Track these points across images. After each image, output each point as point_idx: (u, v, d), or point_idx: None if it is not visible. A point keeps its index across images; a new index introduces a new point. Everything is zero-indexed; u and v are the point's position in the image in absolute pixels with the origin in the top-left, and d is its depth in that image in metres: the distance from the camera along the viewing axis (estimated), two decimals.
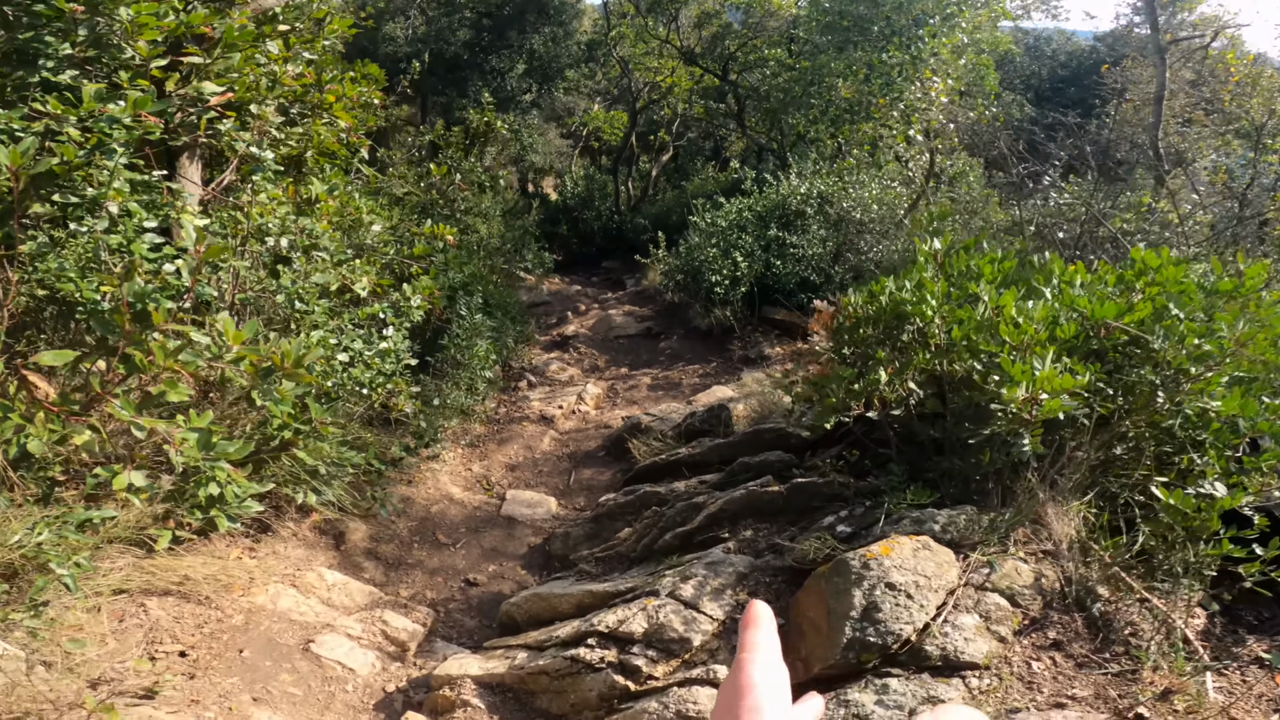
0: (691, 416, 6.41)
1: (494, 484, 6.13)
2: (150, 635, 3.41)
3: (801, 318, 8.76)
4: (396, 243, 5.86)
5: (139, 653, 3.25)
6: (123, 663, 3.16)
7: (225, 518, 3.49)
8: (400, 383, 4.68)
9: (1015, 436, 3.31)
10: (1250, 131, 10.10)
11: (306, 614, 3.94)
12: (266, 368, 3.17)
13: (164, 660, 3.33)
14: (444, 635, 4.27)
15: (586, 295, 12.56)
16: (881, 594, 2.99)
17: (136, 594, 3.54)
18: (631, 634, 3.36)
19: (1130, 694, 2.65)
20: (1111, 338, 3.50)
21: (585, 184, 16.06)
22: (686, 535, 4.25)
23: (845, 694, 2.80)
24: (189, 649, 3.45)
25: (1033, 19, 16.73)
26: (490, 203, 11.42)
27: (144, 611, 3.47)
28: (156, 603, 3.56)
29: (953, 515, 3.43)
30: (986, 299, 3.63)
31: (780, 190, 10.02)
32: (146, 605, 3.50)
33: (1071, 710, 2.59)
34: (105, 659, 3.09)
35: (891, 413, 3.87)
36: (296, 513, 4.50)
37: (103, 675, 3.04)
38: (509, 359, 8.44)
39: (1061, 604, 3.09)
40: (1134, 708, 2.58)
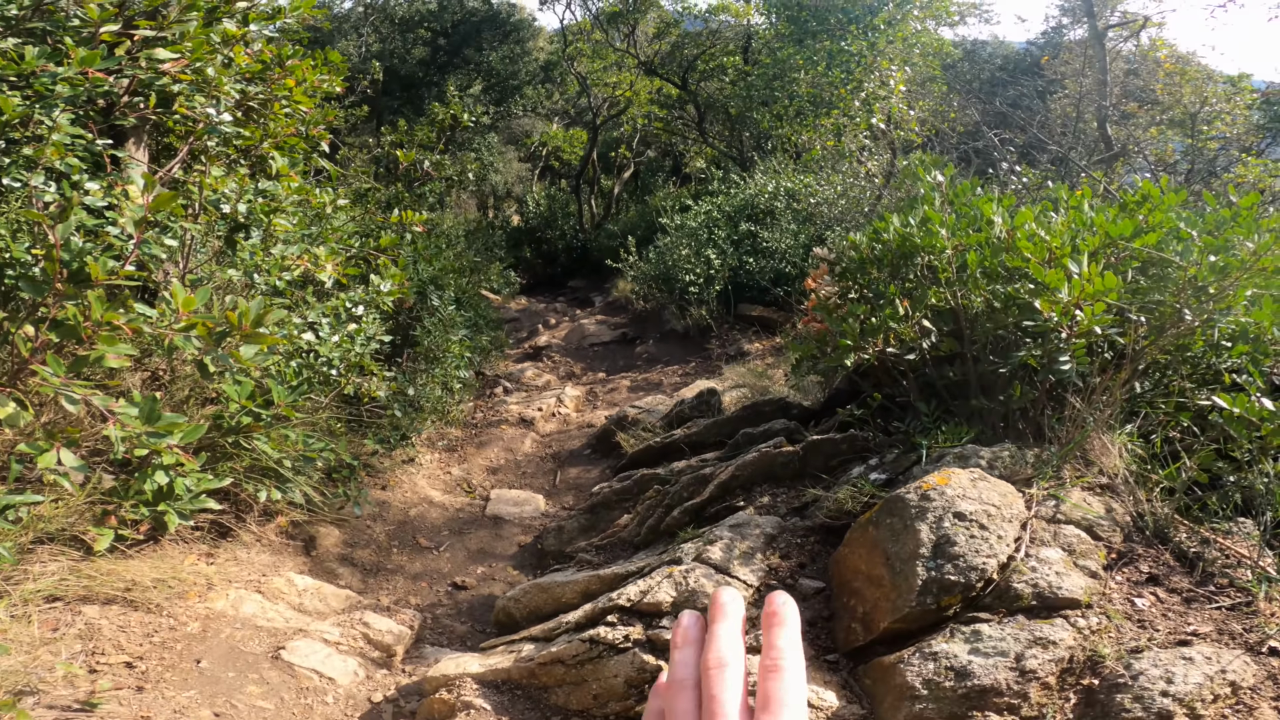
0: (681, 404, 6.07)
1: (475, 486, 5.68)
2: (91, 645, 2.92)
3: (779, 313, 8.65)
4: (361, 236, 5.50)
5: (77, 664, 2.80)
6: (54, 672, 2.71)
7: (176, 515, 3.05)
8: (372, 365, 4.28)
9: (1054, 358, 3.04)
10: (1185, 120, 10.40)
11: (275, 620, 3.47)
12: (221, 331, 2.78)
13: (107, 673, 2.86)
14: (432, 641, 3.81)
15: (556, 311, 12.25)
16: (952, 525, 2.61)
17: (73, 601, 3.05)
18: (659, 605, 2.93)
19: (1255, 627, 2.35)
20: (1126, 263, 3.30)
21: (548, 204, 15.88)
22: (696, 510, 3.85)
23: (929, 646, 2.41)
24: (136, 660, 2.96)
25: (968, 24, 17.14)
26: (453, 224, 11.15)
27: (83, 620, 3.00)
28: (98, 610, 3.08)
29: (996, 452, 3.10)
30: (1000, 220, 3.41)
31: (748, 189, 10.02)
32: (85, 613, 3.02)
33: (1199, 646, 2.25)
34: (34, 669, 2.63)
35: (906, 357, 3.59)
36: (260, 516, 4.03)
37: (28, 685, 2.57)
38: (482, 367, 8.09)
39: (1142, 537, 2.79)
40: (1265, 641, 2.27)
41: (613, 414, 6.69)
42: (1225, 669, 2.14)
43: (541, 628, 3.31)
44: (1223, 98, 10.62)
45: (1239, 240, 2.99)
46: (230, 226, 3.77)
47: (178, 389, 3.71)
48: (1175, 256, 3.01)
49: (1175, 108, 11.03)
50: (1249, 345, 2.99)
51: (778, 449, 3.90)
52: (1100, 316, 2.89)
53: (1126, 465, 3.03)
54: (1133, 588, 2.58)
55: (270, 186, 3.98)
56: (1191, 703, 2.07)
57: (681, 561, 3.15)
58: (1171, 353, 3.24)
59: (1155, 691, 2.10)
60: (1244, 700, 2.11)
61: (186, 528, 3.64)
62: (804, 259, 9.05)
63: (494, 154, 15.60)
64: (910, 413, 3.69)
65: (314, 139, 5.11)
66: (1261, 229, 2.96)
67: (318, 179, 5.85)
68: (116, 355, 2.54)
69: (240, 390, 3.32)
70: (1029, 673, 2.25)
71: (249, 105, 4.48)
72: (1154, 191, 3.40)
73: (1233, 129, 10.48)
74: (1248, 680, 2.14)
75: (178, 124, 4.06)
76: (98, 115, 3.62)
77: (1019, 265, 3.18)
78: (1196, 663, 2.16)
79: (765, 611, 0.56)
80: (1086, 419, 3.03)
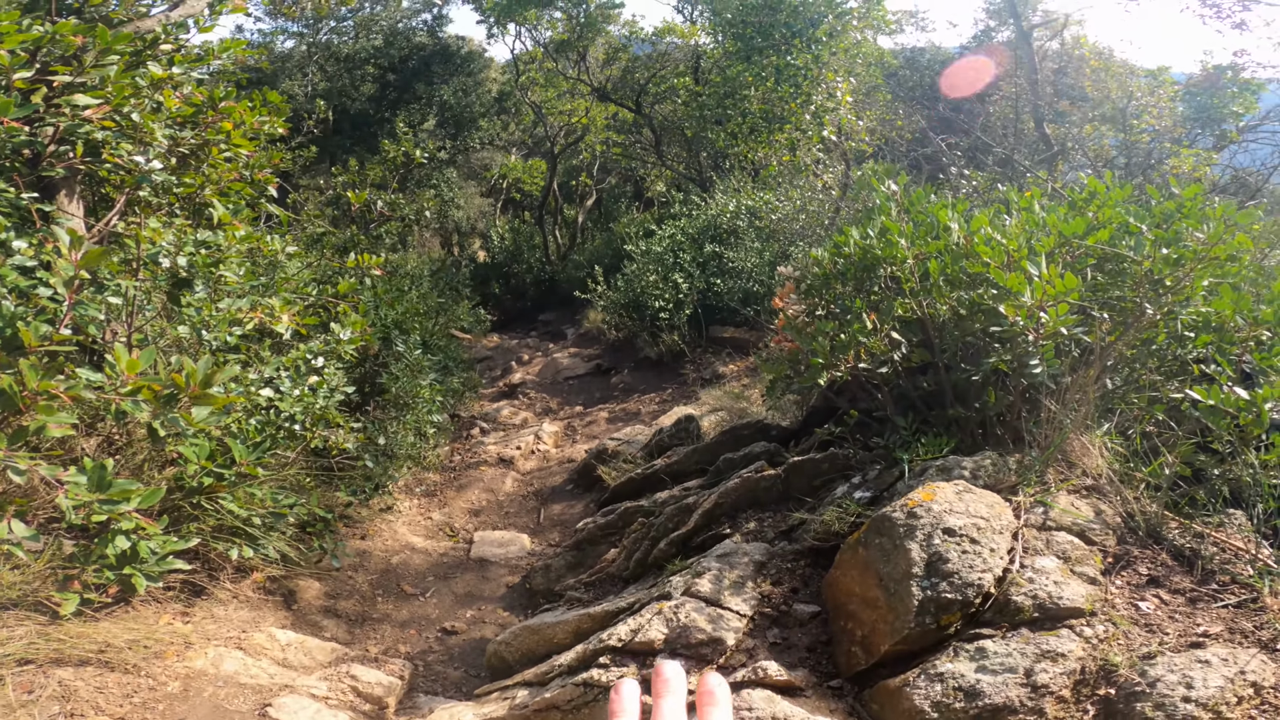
0: (660, 433, 6.03)
1: (458, 530, 5.57)
2: (69, 707, 2.77)
3: (750, 333, 8.68)
4: (318, 283, 5.38)
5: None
6: None
7: (143, 577, 2.92)
8: (338, 417, 4.14)
9: (1024, 361, 3.04)
10: (1115, 115, 10.74)
11: (259, 676, 3.33)
12: (168, 394, 2.67)
13: None
14: (425, 690, 3.69)
15: (528, 346, 12.16)
16: (942, 542, 2.56)
17: (45, 664, 2.91)
18: (651, 643, 2.85)
19: (1266, 624, 2.31)
20: (1082, 261, 3.33)
21: (512, 237, 15.82)
22: (683, 540, 3.78)
23: (934, 667, 2.34)
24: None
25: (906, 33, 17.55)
26: (417, 263, 11.03)
27: (56, 682, 2.85)
28: (72, 673, 2.93)
29: (979, 461, 3.07)
30: (956, 227, 3.42)
31: (710, 210, 10.10)
32: (58, 675, 2.87)
33: (1213, 648, 2.21)
34: None
35: (879, 371, 3.58)
36: (234, 572, 3.88)
37: None
38: (457, 408, 7.98)
39: (1135, 538, 2.75)
40: (1277, 639, 2.24)
41: (592, 447, 6.62)
42: (1244, 670, 2.09)
43: (535, 671, 3.20)
44: (1146, 91, 10.96)
45: (1188, 231, 3.01)
46: (172, 281, 3.64)
47: (134, 452, 3.57)
48: (1129, 251, 3.03)
49: (1105, 104, 11.38)
50: (1213, 335, 3.01)
51: (759, 473, 3.85)
52: (1065, 317, 2.89)
53: (1109, 464, 3.02)
54: (1134, 591, 2.54)
55: (211, 236, 3.86)
56: (1216, 707, 2.01)
57: (671, 596, 3.07)
58: (1138, 347, 3.26)
59: (1176, 698, 2.05)
60: (1269, 700, 2.06)
61: (158, 588, 3.50)
62: (770, 276, 9.09)
63: (454, 189, 15.51)
64: (888, 427, 3.66)
65: (259, 183, 4.97)
66: (1209, 218, 2.98)
67: (268, 225, 5.72)
68: (58, 425, 2.43)
69: (198, 451, 3.21)
70: (1041, 687, 2.19)
71: (182, 151, 4.35)
72: (1100, 188, 3.44)
73: (1160, 122, 10.80)
74: (1269, 680, 2.09)
75: (111, 174, 3.93)
76: (23, 167, 3.48)
77: (979, 270, 3.18)
78: (1214, 665, 2.11)
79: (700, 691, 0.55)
80: (1063, 420, 3.02)
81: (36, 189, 3.56)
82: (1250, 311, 2.92)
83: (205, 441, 3.18)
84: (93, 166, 3.76)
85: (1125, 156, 10.61)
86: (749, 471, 3.92)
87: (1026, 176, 9.22)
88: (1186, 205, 3.18)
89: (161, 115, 4.03)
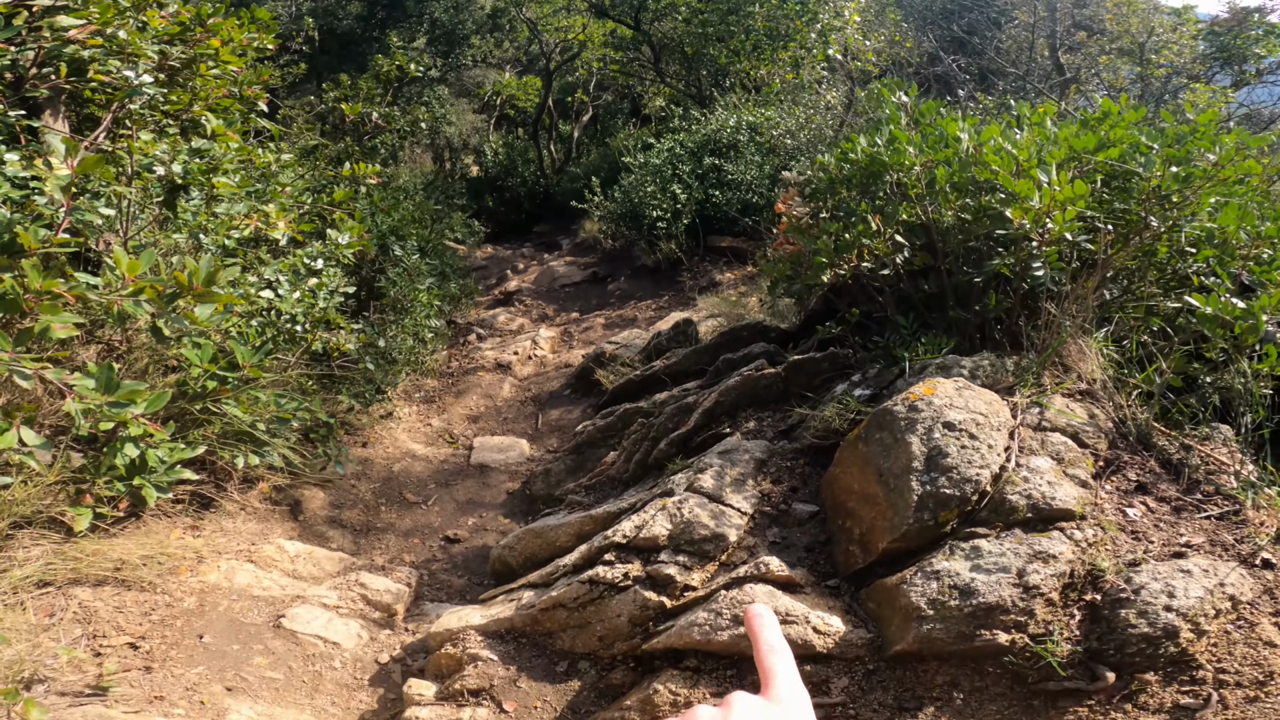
0: (658, 336, 5.99)
1: (458, 436, 5.61)
2: (90, 629, 2.86)
3: (748, 242, 8.61)
4: (313, 192, 5.29)
5: (80, 648, 2.73)
6: (58, 659, 2.65)
7: (153, 488, 2.96)
8: (338, 319, 4.14)
9: (1027, 265, 3.04)
10: (1134, 48, 10.49)
11: (271, 588, 3.42)
12: (171, 292, 2.65)
13: (111, 655, 2.81)
14: (431, 597, 3.78)
15: (523, 256, 12.04)
16: (942, 436, 2.59)
17: (63, 585, 2.98)
18: (655, 539, 2.91)
19: (1246, 537, 2.38)
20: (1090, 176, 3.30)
21: (506, 152, 15.46)
22: (683, 440, 3.81)
23: (930, 565, 2.40)
24: (139, 639, 2.91)
25: None
26: (409, 178, 10.84)
27: (77, 603, 2.92)
28: (90, 593, 3.01)
29: (977, 361, 3.09)
30: (966, 137, 3.38)
31: (710, 125, 9.90)
32: (78, 595, 2.94)
33: (1194, 558, 2.27)
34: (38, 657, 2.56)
35: (881, 273, 3.57)
36: (241, 484, 3.94)
37: (35, 674, 2.51)
38: (453, 315, 7.97)
39: (1126, 443, 2.80)
40: (1257, 553, 2.30)
41: (590, 352, 6.61)
42: (1223, 582, 2.16)
43: (539, 574, 3.29)
44: (1168, 28, 10.70)
45: (1200, 153, 3.00)
46: (167, 188, 3.58)
47: (135, 359, 3.57)
48: (1138, 168, 3.02)
49: (1124, 37, 11.11)
50: (1215, 250, 3.03)
51: (759, 372, 3.86)
52: (1071, 223, 2.89)
53: (1104, 370, 3.06)
54: (1123, 497, 2.59)
55: (206, 145, 3.78)
56: (1195, 618, 2.09)
57: (674, 493, 3.12)
58: (1139, 259, 3.27)
59: (1159, 606, 2.12)
60: (1244, 616, 2.14)
61: (167, 501, 3.56)
62: (770, 189, 8.98)
63: (445, 106, 15.07)
64: (889, 327, 3.68)
65: (250, 99, 4.87)
66: (1221, 143, 2.98)
67: (259, 140, 5.61)
68: (63, 325, 2.41)
69: (201, 354, 3.20)
70: (1032, 589, 2.25)
71: (172, 66, 4.24)
72: (1114, 109, 3.42)
73: (1180, 58, 10.57)
74: (1246, 595, 2.16)
75: (96, 93, 3.86)
76: (7, 90, 3.42)
77: (988, 178, 3.18)
78: (1195, 576, 2.17)
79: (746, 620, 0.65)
80: (1063, 323, 3.04)
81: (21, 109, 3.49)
82: (1254, 228, 2.94)
83: (208, 343, 3.17)
84: (78, 86, 3.69)
85: (1140, 88, 10.40)
86: (749, 370, 3.94)
87: (1038, 101, 9.04)
88: (1201, 129, 3.15)
89: (148, 34, 3.91)
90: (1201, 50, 10.80)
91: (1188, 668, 2.08)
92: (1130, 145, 3.14)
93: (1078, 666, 2.17)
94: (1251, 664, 2.05)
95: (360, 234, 4.64)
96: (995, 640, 2.22)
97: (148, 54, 3.73)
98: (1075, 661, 2.18)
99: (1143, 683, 2.09)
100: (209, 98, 4.49)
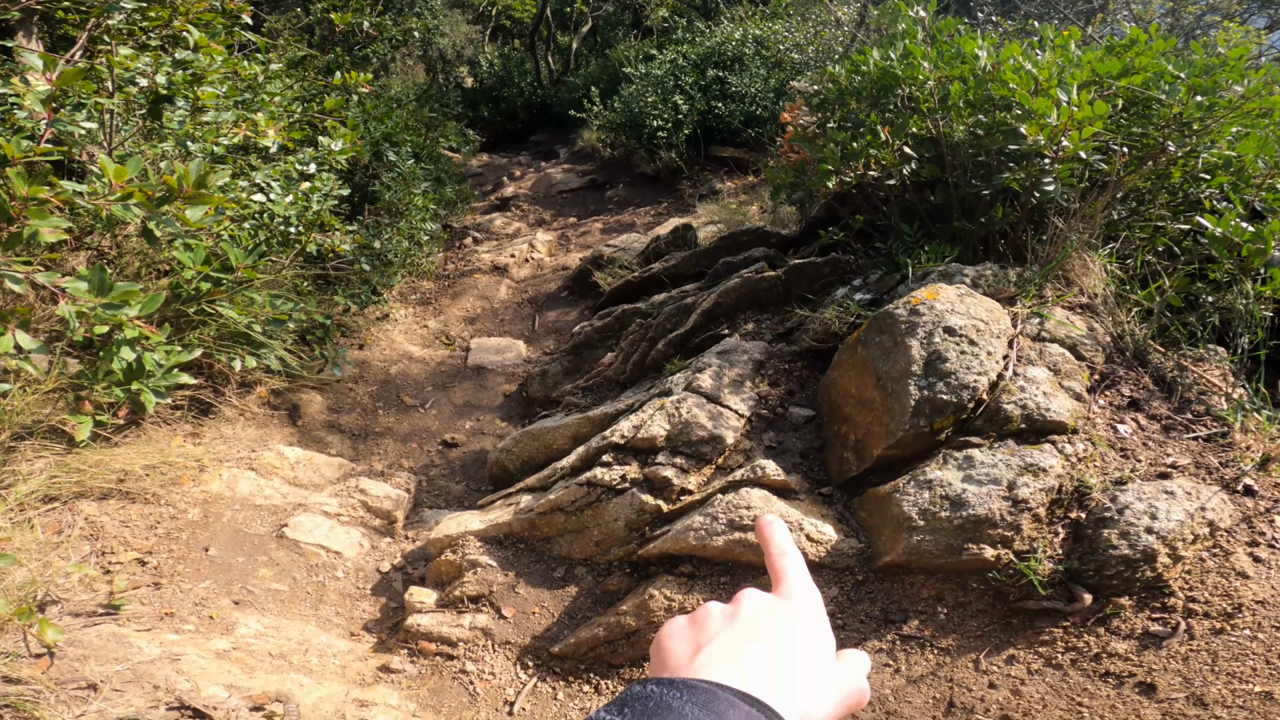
0: (656, 240, 5.91)
1: (454, 338, 5.60)
2: (99, 545, 2.90)
3: (750, 154, 8.48)
4: (303, 101, 5.12)
5: (90, 565, 2.78)
6: (69, 577, 2.69)
7: (151, 393, 2.96)
8: (333, 220, 4.07)
9: (1038, 180, 2.99)
10: None
11: (273, 497, 3.46)
12: (161, 196, 2.58)
13: (121, 572, 2.85)
14: (430, 504, 3.83)
15: (520, 164, 11.84)
16: (942, 340, 2.57)
17: (69, 500, 3.00)
18: (653, 440, 2.92)
19: (1231, 462, 2.40)
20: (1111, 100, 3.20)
21: (502, 63, 15.00)
22: (681, 340, 3.79)
23: (923, 474, 2.42)
24: (146, 555, 2.96)
25: None
26: (401, 89, 10.52)
27: (84, 519, 2.95)
28: (96, 507, 3.03)
29: (980, 270, 3.06)
30: (985, 55, 3.26)
31: (714, 37, 9.61)
32: (84, 510, 2.96)
33: (1178, 480, 2.29)
34: (49, 577, 2.60)
35: (887, 183, 3.52)
36: (238, 388, 3.95)
37: (47, 595, 2.55)
38: (449, 219, 7.88)
39: (1122, 359, 2.80)
40: (1240, 478, 2.33)
41: (587, 255, 6.55)
42: (1205, 506, 2.18)
43: (537, 477, 3.32)
44: None
45: (1227, 83, 2.95)
46: (151, 100, 3.46)
47: (127, 264, 3.53)
48: (1161, 95, 2.95)
49: None
50: (1230, 175, 3.01)
51: (759, 274, 3.82)
52: (1087, 142, 2.83)
53: (1105, 285, 3.05)
54: (1115, 412, 2.61)
55: (190, 56, 3.64)
56: (1173, 541, 2.11)
57: (672, 393, 3.13)
58: (1151, 181, 3.23)
59: (1140, 528, 2.14)
60: (1221, 544, 2.16)
61: (166, 407, 3.57)
62: (775, 102, 8.78)
63: (439, 17, 14.48)
64: (892, 235, 3.65)
65: (232, 13, 4.66)
66: (1252, 77, 2.92)
67: (244, 53, 5.41)
68: (52, 229, 2.36)
69: (194, 256, 3.15)
70: (1021, 502, 2.28)
71: None
72: (1141, 36, 3.30)
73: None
74: (1225, 521, 2.18)
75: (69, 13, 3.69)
76: None
77: (1005, 95, 3.12)
78: (1178, 498, 2.19)
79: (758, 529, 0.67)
80: (1069, 238, 3.01)
81: None
82: (1273, 158, 2.91)
83: (200, 245, 3.12)
84: (50, 6, 3.50)
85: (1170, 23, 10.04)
86: (749, 272, 3.90)
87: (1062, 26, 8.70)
88: (1231, 61, 3.09)
89: None
90: None
91: (1161, 594, 2.12)
92: (1155, 73, 3.07)
93: (1057, 586, 2.22)
94: (1221, 594, 2.08)
95: (353, 140, 4.51)
96: (981, 555, 2.26)
97: None
98: (1055, 581, 2.23)
99: (1117, 606, 2.14)
100: (189, 12, 4.31)
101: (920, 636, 2.33)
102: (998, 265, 3.14)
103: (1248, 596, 2.06)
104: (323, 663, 2.71)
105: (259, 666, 2.55)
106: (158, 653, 2.40)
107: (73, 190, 2.51)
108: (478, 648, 2.81)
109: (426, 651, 2.82)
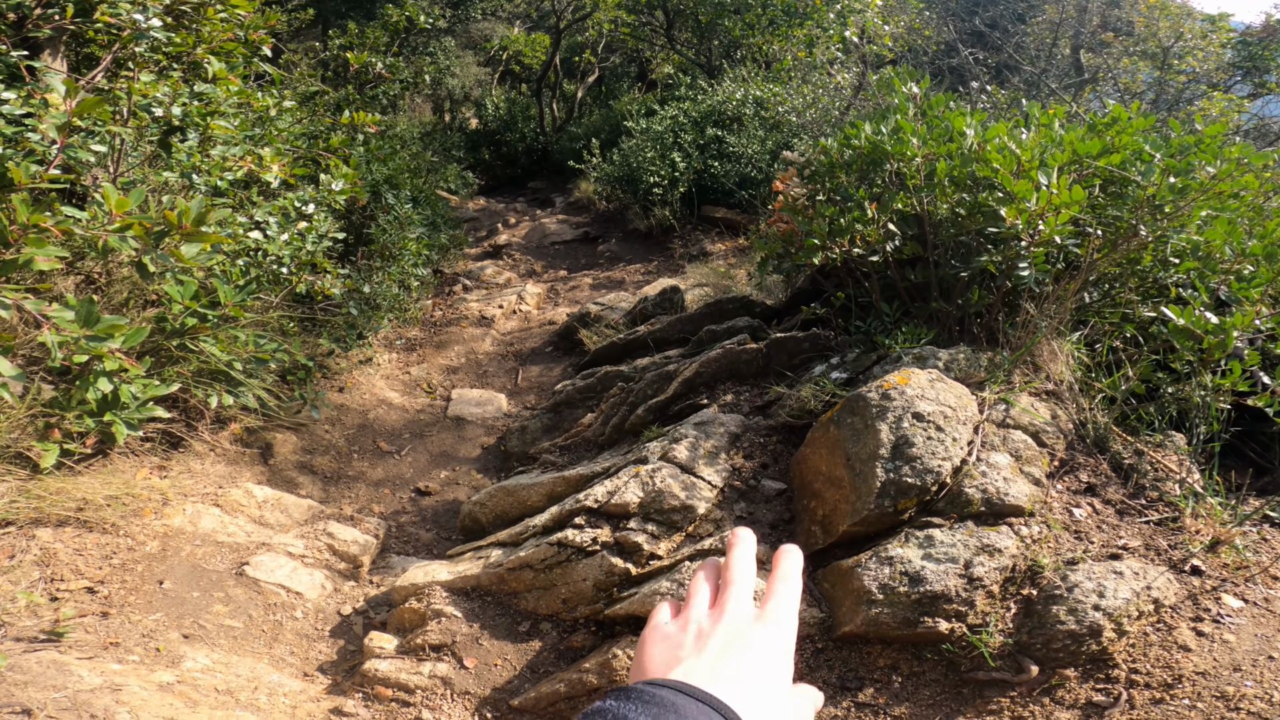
0: (644, 301, 5.99)
1: (435, 387, 5.62)
2: (49, 571, 2.86)
3: (742, 216, 8.63)
4: (309, 137, 5.22)
5: (37, 592, 2.75)
6: (16, 602, 2.66)
7: (124, 425, 2.95)
8: (325, 261, 4.12)
9: (1013, 264, 3.08)
10: (1157, 52, 10.45)
11: (236, 535, 3.44)
12: (159, 230, 2.63)
13: (69, 599, 2.81)
14: (398, 550, 3.81)
15: (515, 211, 12.00)
16: (911, 426, 2.64)
17: (25, 525, 2.97)
18: (626, 506, 2.95)
19: (1180, 544, 2.47)
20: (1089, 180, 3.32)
21: (507, 107, 15.30)
22: (661, 407, 3.84)
23: (885, 551, 2.47)
24: (97, 584, 2.92)
25: None
26: (407, 127, 10.72)
27: (38, 545, 2.92)
28: (52, 534, 3.00)
29: (953, 354, 3.14)
30: (971, 133, 3.38)
31: (716, 96, 9.86)
32: (39, 536, 2.94)
33: (1128, 561, 2.36)
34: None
35: (870, 259, 3.60)
36: (212, 424, 3.94)
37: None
38: (441, 264, 7.97)
39: (1083, 445, 2.88)
40: (1188, 559, 2.40)
41: (574, 311, 6.62)
42: (1150, 585, 2.25)
43: (508, 532, 3.32)
44: (1199, 34, 10.62)
45: (1200, 165, 3.04)
46: (164, 130, 3.55)
47: (115, 292, 3.55)
48: (1137, 176, 3.04)
49: (1150, 40, 11.04)
50: (1197, 262, 3.08)
51: (742, 346, 3.89)
52: (1062, 227, 2.92)
53: (1072, 372, 3.12)
54: (1072, 497, 2.67)
55: (207, 89, 3.74)
56: (1119, 617, 2.18)
57: (648, 461, 3.16)
58: (1122, 265, 3.32)
59: (1088, 605, 2.20)
60: (1165, 619, 2.23)
61: (136, 439, 3.55)
62: (770, 164, 8.96)
63: (450, 58, 14.83)
64: (872, 313, 3.73)
65: (254, 43, 4.80)
66: (1224, 156, 3.01)
67: (259, 84, 5.54)
68: (46, 258, 2.40)
69: (183, 290, 3.18)
70: (976, 580, 2.33)
71: (180, 10, 4.18)
72: (1123, 114, 3.42)
73: (1204, 65, 10.50)
74: (1170, 598, 2.25)
75: (99, 33, 3.81)
76: (8, 29, 3.41)
77: (988, 175, 3.21)
78: (1125, 577, 2.26)
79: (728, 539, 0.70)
80: (1040, 323, 3.09)
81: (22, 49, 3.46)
82: (1240, 244, 2.98)
83: (190, 280, 3.15)
84: (82, 26, 3.62)
85: (1156, 93, 10.36)
86: (731, 343, 3.97)
87: (1051, 99, 8.98)
88: (1205, 141, 3.18)
89: None
90: (1228, 59, 10.75)
91: (1105, 665, 2.17)
92: (1133, 152, 3.17)
93: (1007, 658, 2.27)
94: (1163, 666, 2.13)
95: (354, 180, 4.60)
96: (936, 628, 2.30)
97: None
98: (1005, 653, 2.28)
99: (1062, 677, 2.19)
100: (213, 41, 4.44)
101: (875, 704, 2.35)
102: (970, 349, 3.21)
103: (1189, 668, 2.10)
104: (272, 701, 2.67)
105: (203, 701, 2.51)
106: (98, 682, 2.37)
107: (73, 220, 2.55)
108: (436, 696, 2.78)
109: (382, 696, 2.78)
